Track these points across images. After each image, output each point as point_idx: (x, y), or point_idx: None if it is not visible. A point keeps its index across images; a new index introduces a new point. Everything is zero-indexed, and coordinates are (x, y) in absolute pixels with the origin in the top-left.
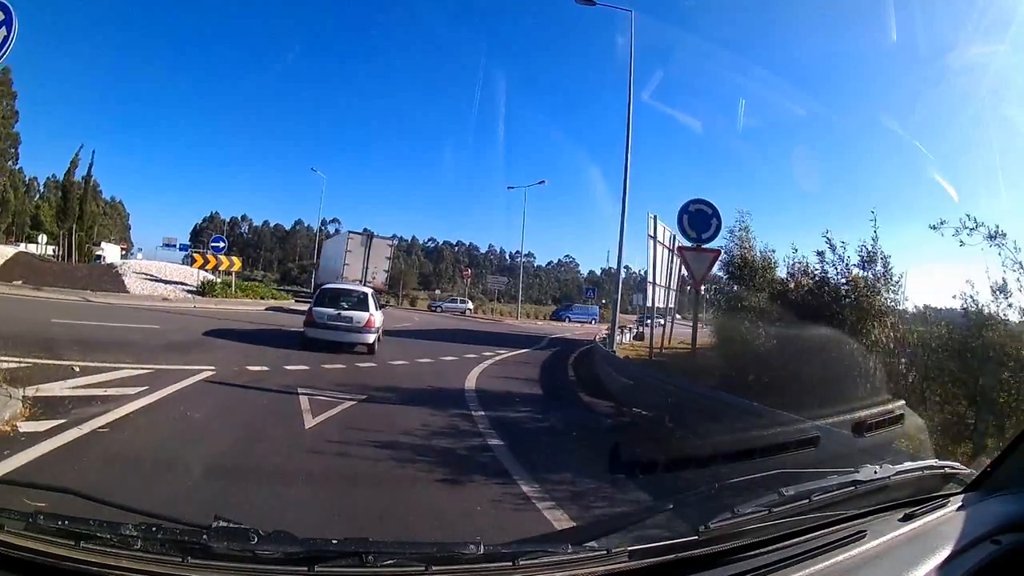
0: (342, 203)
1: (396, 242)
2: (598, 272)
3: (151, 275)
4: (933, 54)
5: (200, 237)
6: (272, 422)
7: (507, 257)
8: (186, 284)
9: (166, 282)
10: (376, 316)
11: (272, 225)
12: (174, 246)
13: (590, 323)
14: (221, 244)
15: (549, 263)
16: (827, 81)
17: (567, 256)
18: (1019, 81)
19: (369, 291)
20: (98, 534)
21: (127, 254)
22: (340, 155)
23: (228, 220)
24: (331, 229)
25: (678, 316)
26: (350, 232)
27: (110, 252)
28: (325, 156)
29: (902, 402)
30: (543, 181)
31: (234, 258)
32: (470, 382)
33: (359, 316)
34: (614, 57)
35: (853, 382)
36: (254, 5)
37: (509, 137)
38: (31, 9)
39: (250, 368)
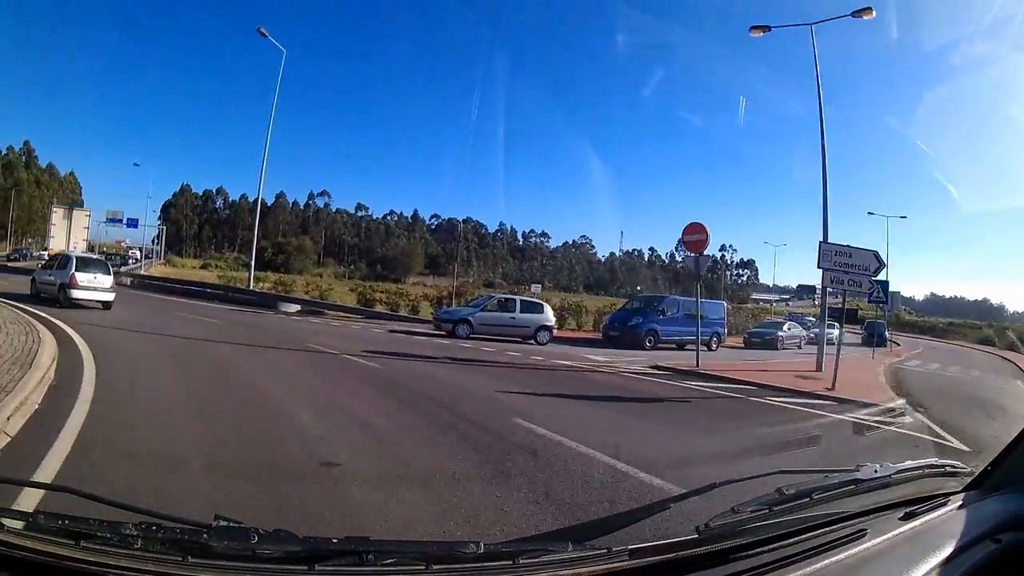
0: (329, 174)
1: (90, 211)
2: (618, 254)
3: None
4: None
5: (169, 213)
6: None
7: (519, 237)
8: None
9: None
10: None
11: (252, 200)
12: (120, 221)
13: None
14: None
15: (565, 243)
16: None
17: (583, 237)
18: (1020, 80)
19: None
20: (98, 533)
21: None
22: (331, 119)
23: (201, 193)
24: (320, 203)
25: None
26: (54, 205)
27: None
28: (314, 123)
29: (902, 401)
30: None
31: None
32: None
33: (107, 280)
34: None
35: None
36: None
37: (510, 111)
38: None
39: None
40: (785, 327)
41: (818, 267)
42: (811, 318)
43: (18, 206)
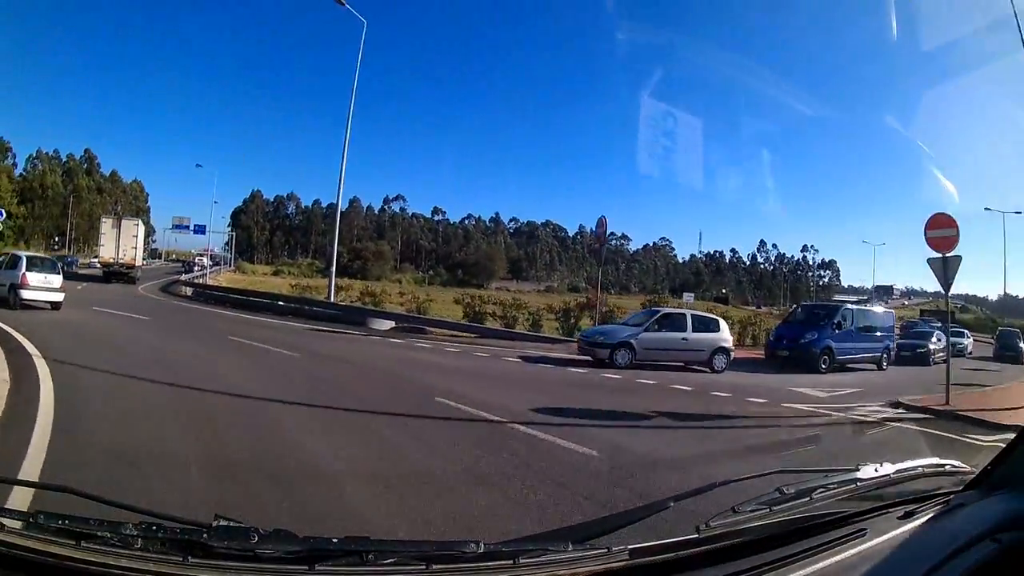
0: (403, 179)
1: (140, 220)
2: (698, 256)
3: None
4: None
5: (239, 219)
6: None
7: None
8: None
9: None
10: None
11: (324, 205)
12: (187, 227)
13: None
14: None
15: (645, 245)
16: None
17: (663, 239)
18: (1021, 78)
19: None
20: (99, 533)
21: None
22: (405, 124)
23: (272, 199)
24: (396, 207)
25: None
26: (102, 215)
27: None
28: (380, 128)
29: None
30: None
31: None
32: None
33: (57, 280)
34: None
35: None
36: None
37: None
38: None
39: None
40: (934, 338)
41: None
42: (938, 322)
43: (78, 213)
